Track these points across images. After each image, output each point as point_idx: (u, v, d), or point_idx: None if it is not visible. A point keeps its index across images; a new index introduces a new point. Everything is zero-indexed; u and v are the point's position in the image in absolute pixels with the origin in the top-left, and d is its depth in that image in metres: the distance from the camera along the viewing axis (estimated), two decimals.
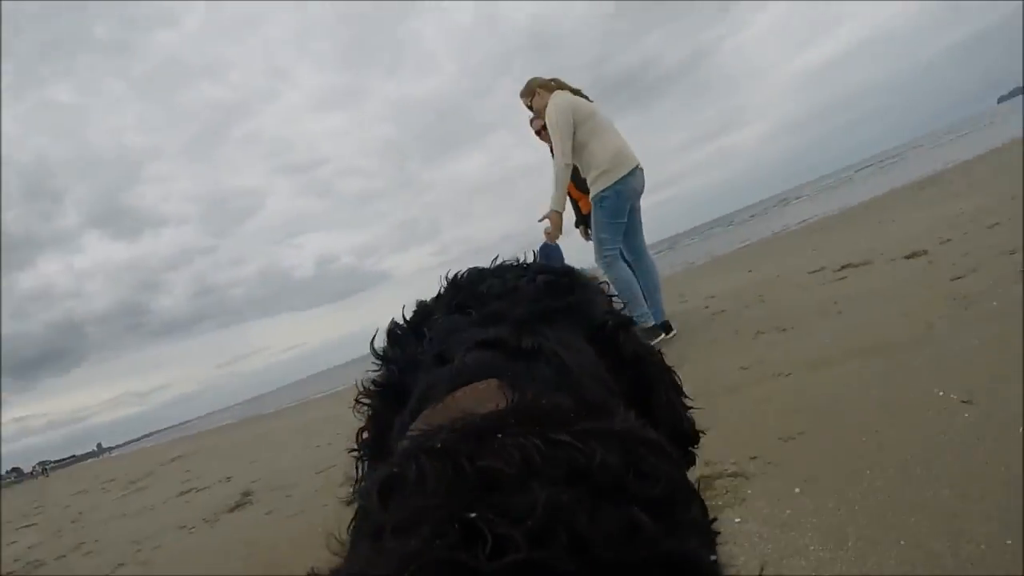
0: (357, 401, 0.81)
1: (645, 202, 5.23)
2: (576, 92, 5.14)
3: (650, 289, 5.16)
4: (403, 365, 0.78)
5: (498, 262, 0.91)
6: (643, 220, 5.27)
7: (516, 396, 0.59)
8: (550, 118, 4.92)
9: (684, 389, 0.87)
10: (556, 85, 5.14)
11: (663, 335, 5.02)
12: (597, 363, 0.75)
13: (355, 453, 0.81)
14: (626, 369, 0.77)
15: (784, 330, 4.07)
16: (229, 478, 6.86)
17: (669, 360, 0.85)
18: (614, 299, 0.91)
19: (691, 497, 0.50)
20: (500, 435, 0.49)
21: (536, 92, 5.22)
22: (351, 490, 0.71)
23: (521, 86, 5.37)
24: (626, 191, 4.91)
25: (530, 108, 5.36)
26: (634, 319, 0.84)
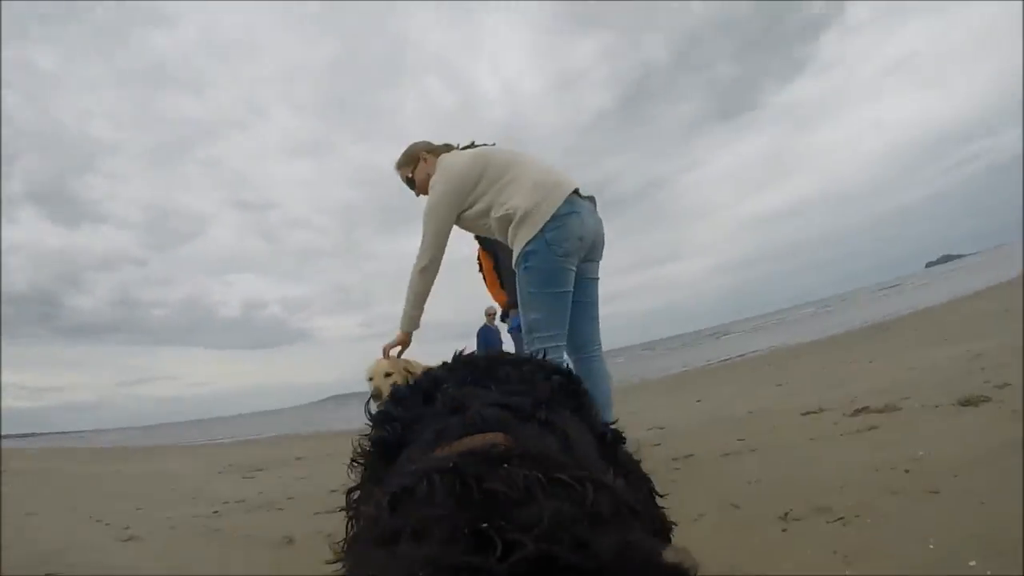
0: (353, 461, 0.83)
1: None
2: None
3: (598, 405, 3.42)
4: (405, 423, 0.79)
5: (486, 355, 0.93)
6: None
7: (522, 443, 0.64)
8: (432, 190, 3.17)
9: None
10: (446, 149, 3.38)
11: None
12: (593, 450, 0.78)
13: (347, 512, 0.83)
14: (617, 477, 0.76)
15: (844, 520, 2.10)
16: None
17: None
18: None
19: (669, 545, 0.50)
20: (507, 465, 0.53)
21: (420, 159, 3.41)
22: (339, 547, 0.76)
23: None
24: (562, 240, 2.92)
25: (410, 183, 3.49)
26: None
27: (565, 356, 3.15)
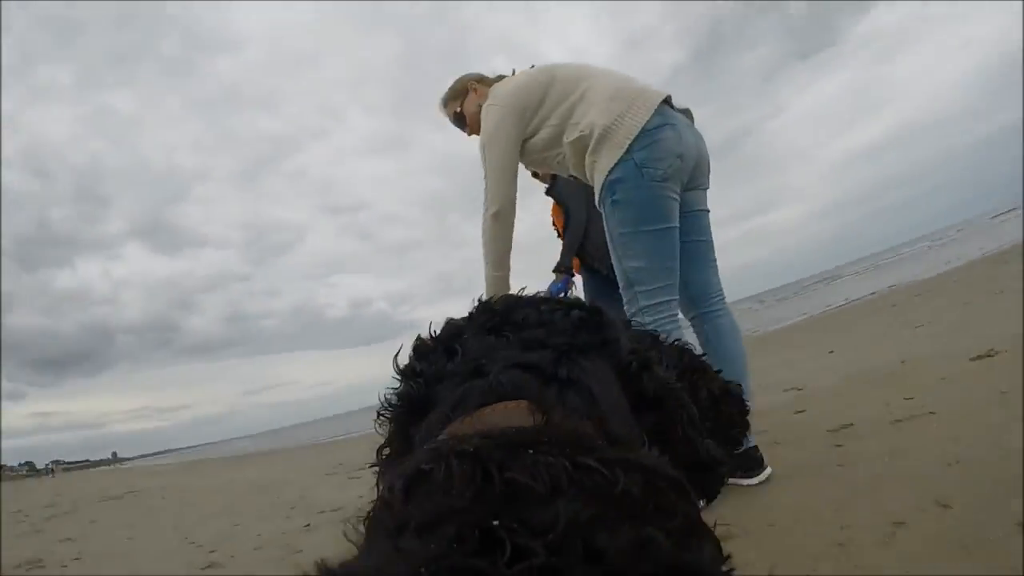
0: (379, 415, 0.81)
1: None
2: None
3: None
4: (429, 379, 0.77)
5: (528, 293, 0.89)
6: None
7: (544, 418, 0.60)
8: (486, 117, 2.53)
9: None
10: (499, 79, 2.73)
11: (748, 477, 2.43)
12: (623, 401, 0.75)
13: (376, 469, 0.80)
14: (647, 410, 0.78)
15: None
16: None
17: None
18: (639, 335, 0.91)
19: (706, 534, 0.50)
20: (532, 451, 0.50)
21: (469, 90, 2.79)
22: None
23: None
24: (657, 160, 2.22)
25: (459, 123, 2.88)
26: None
27: (680, 315, 2.46)
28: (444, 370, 0.77)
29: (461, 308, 0.89)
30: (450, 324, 0.86)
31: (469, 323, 0.84)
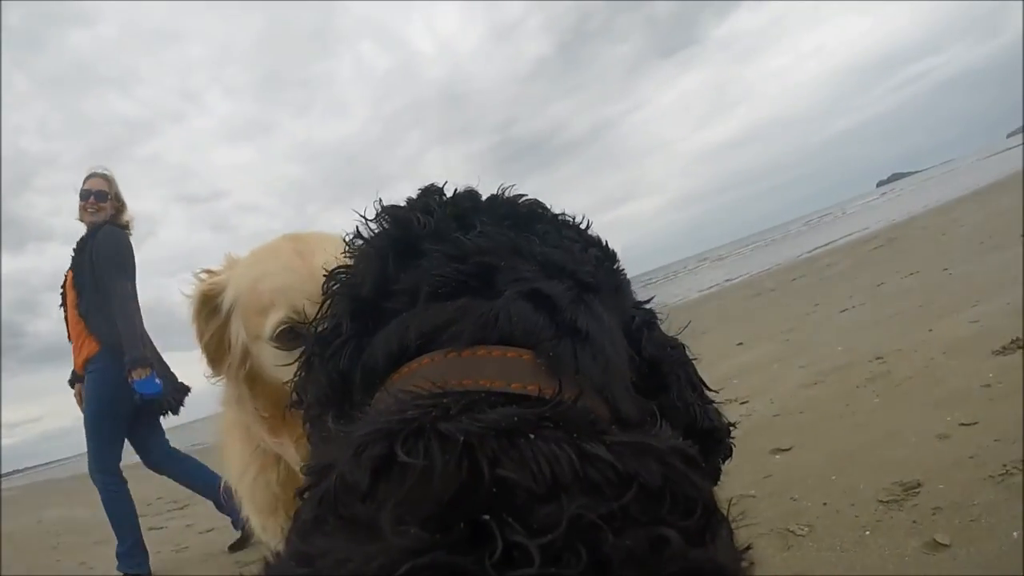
0: (356, 237, 0.76)
1: None
2: None
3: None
4: (433, 231, 0.70)
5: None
6: None
7: (555, 391, 0.55)
8: None
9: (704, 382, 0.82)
10: None
11: None
12: (627, 364, 0.70)
13: (332, 279, 0.74)
14: (643, 367, 0.73)
15: None
16: None
17: None
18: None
19: (722, 521, 0.47)
20: (533, 436, 0.46)
21: None
22: (308, 352, 0.71)
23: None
24: None
25: None
26: None
27: None
28: (448, 234, 0.70)
29: None
30: (470, 192, 0.79)
31: (488, 205, 0.77)
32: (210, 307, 1.42)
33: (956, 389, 2.99)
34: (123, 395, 3.65)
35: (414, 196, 0.79)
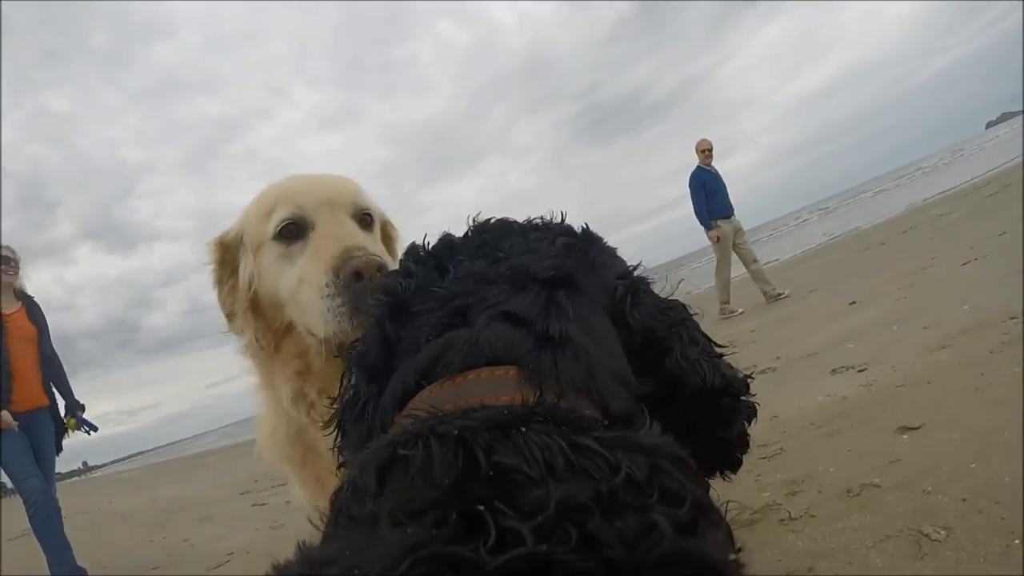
0: (357, 310, 0.95)
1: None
2: None
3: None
4: (416, 288, 0.77)
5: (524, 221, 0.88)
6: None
7: (538, 393, 0.58)
8: None
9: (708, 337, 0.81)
10: None
11: None
12: (618, 349, 0.72)
13: (347, 367, 0.81)
14: (637, 337, 0.75)
15: None
16: None
17: None
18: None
19: (716, 519, 0.47)
20: (524, 429, 0.48)
21: None
22: (340, 419, 0.80)
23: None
24: None
25: None
26: None
27: None
28: (430, 286, 0.76)
29: None
30: (446, 239, 0.85)
31: (464, 243, 0.83)
32: (225, 254, 1.53)
33: None
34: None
35: (402, 257, 0.88)
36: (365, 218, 1.51)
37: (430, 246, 0.85)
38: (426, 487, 0.44)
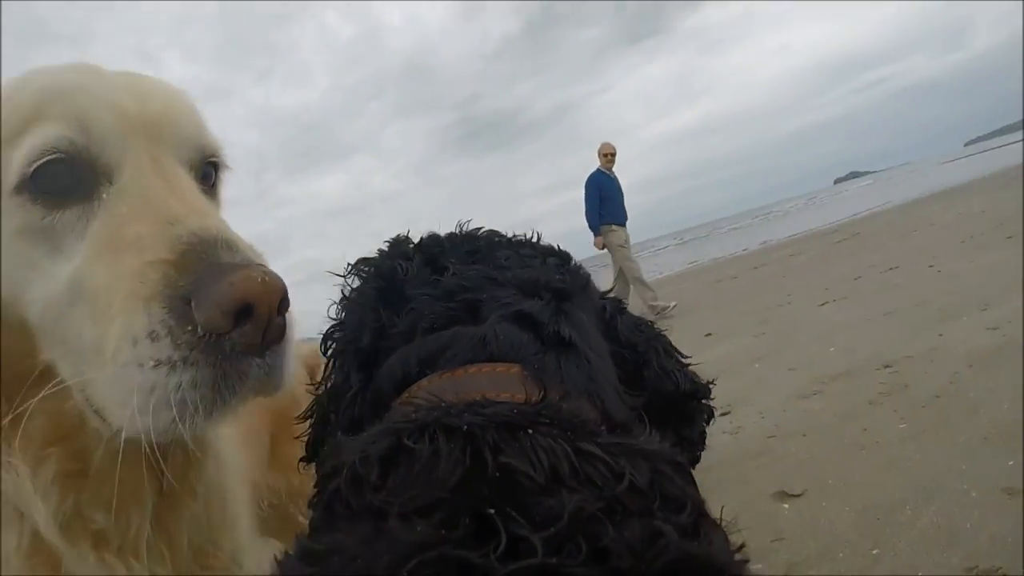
0: (348, 275, 0.80)
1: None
2: None
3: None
4: (410, 278, 0.76)
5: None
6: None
7: (542, 392, 0.58)
8: None
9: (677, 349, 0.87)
10: None
11: None
12: (610, 360, 0.75)
13: (329, 338, 0.78)
14: (623, 350, 0.79)
15: None
16: None
17: None
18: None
19: (713, 523, 0.48)
20: (531, 431, 0.48)
21: None
22: (316, 385, 0.78)
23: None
24: None
25: None
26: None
27: None
28: (427, 280, 0.75)
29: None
30: (434, 237, 0.84)
31: (451, 244, 0.82)
32: None
33: (1002, 418, 2.27)
34: None
35: (385, 247, 0.86)
36: (209, 172, 0.89)
37: (417, 240, 0.84)
38: (432, 484, 0.43)
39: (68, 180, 0.72)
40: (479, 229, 0.86)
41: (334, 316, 0.82)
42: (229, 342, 0.63)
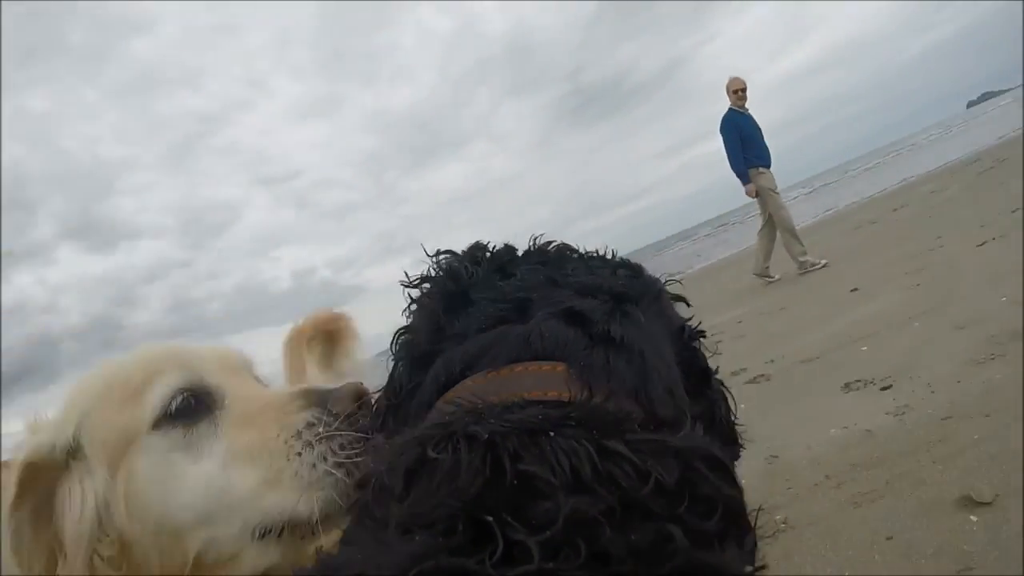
0: (415, 284, 0.81)
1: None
2: None
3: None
4: (476, 283, 0.77)
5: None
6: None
7: (587, 391, 0.58)
8: None
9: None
10: None
11: None
12: (675, 368, 0.72)
13: (395, 351, 0.79)
14: (693, 379, 0.75)
15: None
16: None
17: None
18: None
19: (746, 528, 0.47)
20: (553, 434, 0.48)
21: None
22: (383, 412, 0.77)
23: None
24: None
25: None
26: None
27: None
28: (492, 283, 0.76)
29: (407, 266, 0.86)
30: (508, 247, 0.85)
31: (525, 255, 0.83)
32: (33, 482, 0.93)
33: None
34: None
35: (465, 250, 0.86)
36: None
37: (493, 249, 0.84)
38: (450, 495, 0.43)
39: (193, 408, 0.98)
40: (551, 243, 0.86)
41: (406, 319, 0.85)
42: (357, 417, 0.91)
